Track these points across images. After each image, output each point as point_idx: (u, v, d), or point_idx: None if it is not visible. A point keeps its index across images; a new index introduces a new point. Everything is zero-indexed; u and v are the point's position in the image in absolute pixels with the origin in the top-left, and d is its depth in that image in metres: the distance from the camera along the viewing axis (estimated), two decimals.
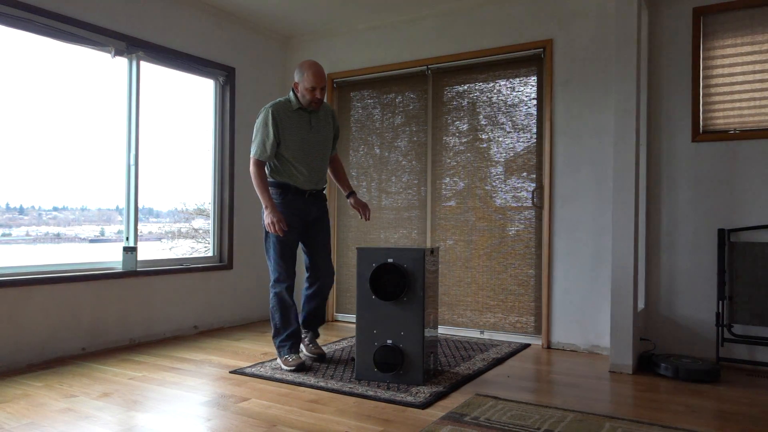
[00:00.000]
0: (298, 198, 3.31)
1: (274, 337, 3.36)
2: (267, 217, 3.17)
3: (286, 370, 3.22)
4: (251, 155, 3.26)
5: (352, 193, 3.56)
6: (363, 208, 3.51)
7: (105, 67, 3.95)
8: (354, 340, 3.42)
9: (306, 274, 3.51)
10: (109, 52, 3.89)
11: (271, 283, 3.35)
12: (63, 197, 3.88)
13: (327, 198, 3.57)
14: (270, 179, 3.30)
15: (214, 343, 4.09)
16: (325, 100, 3.48)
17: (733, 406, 2.76)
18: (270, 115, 3.20)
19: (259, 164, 3.23)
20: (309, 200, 3.36)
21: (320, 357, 3.50)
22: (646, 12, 3.77)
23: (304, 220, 3.36)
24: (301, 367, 3.21)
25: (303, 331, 3.58)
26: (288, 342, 3.31)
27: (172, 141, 4.43)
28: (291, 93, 3.29)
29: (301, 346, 3.55)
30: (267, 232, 3.28)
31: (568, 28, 4.01)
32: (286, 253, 3.29)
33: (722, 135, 3.60)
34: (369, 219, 3.56)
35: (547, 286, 4.04)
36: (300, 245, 3.44)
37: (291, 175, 3.28)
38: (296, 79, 3.23)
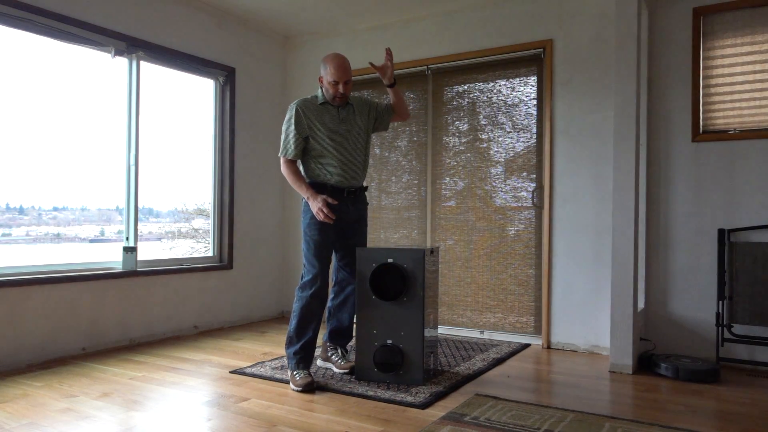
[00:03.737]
0: (337, 196, 3.06)
1: (286, 345, 3.08)
2: (313, 206, 2.97)
3: (294, 390, 2.92)
4: (279, 155, 3.10)
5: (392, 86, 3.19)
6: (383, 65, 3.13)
7: (105, 67, 3.95)
8: (354, 340, 3.40)
9: (333, 281, 3.27)
10: (109, 52, 3.89)
11: (299, 285, 3.09)
12: (63, 197, 3.88)
13: (368, 201, 3.33)
14: (308, 180, 3.10)
15: (214, 343, 4.09)
16: (355, 94, 3.19)
17: (733, 406, 2.76)
18: (294, 110, 3.02)
19: (288, 162, 3.06)
20: (348, 199, 3.11)
21: (352, 369, 3.19)
22: (646, 12, 3.77)
23: (342, 219, 3.09)
24: (308, 387, 2.90)
25: (330, 348, 3.33)
26: (298, 355, 3.02)
27: (172, 141, 4.43)
28: (319, 89, 3.11)
29: (330, 365, 3.31)
30: (303, 231, 3.08)
31: (568, 28, 4.01)
32: (322, 253, 3.05)
33: (722, 135, 3.61)
34: (389, 57, 3.11)
35: (547, 286, 4.04)
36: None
37: (325, 171, 3.06)
38: (321, 73, 3.04)
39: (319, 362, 3.38)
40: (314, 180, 3.08)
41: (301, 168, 3.15)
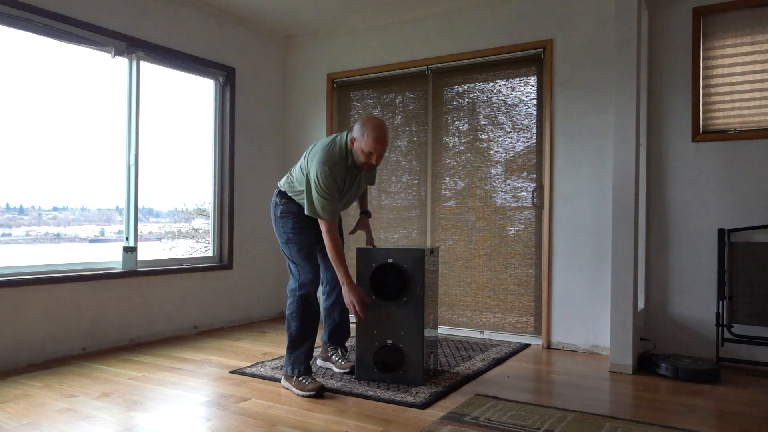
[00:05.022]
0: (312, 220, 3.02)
1: (290, 350, 2.94)
2: (346, 296, 2.91)
3: (303, 396, 2.82)
4: (322, 218, 2.85)
5: (366, 213, 3.30)
6: (371, 234, 3.28)
7: (105, 67, 3.95)
8: (354, 340, 3.41)
9: (322, 284, 3.24)
10: (109, 52, 3.89)
11: (294, 287, 2.96)
12: (63, 197, 3.88)
13: None
14: (289, 205, 3.01)
15: (214, 343, 4.09)
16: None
17: (733, 406, 2.76)
18: (332, 177, 2.82)
19: (333, 227, 2.88)
20: None
21: (352, 369, 3.17)
22: (646, 12, 3.77)
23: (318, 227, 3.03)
24: (320, 391, 2.82)
25: (330, 348, 3.33)
26: (305, 362, 2.93)
27: (172, 141, 4.43)
28: (344, 142, 2.90)
29: (330, 365, 3.30)
30: (287, 237, 2.98)
31: (568, 28, 4.01)
32: (311, 253, 2.99)
33: (722, 135, 3.61)
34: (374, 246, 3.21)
35: (547, 286, 4.04)
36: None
37: None
38: (354, 135, 2.85)
39: (319, 362, 3.38)
40: (294, 209, 2.99)
41: (285, 183, 3.05)
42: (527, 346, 4.04)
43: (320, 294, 3.27)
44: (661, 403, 2.80)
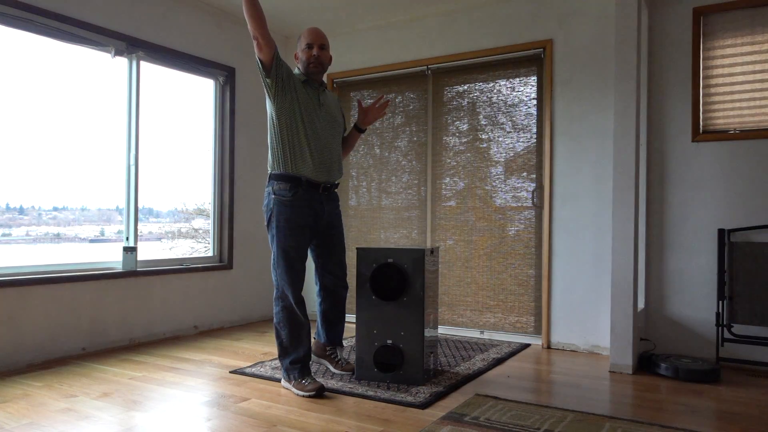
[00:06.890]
0: (312, 193, 2.91)
1: (282, 357, 2.95)
2: None
3: (303, 396, 2.82)
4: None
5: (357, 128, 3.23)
6: (371, 105, 3.16)
7: (105, 67, 3.95)
8: (354, 340, 3.40)
9: (317, 286, 3.17)
10: (109, 52, 3.89)
11: (277, 294, 2.93)
12: (63, 197, 3.88)
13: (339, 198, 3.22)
14: (278, 171, 2.88)
15: (214, 343, 4.09)
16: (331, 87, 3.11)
17: (733, 406, 2.76)
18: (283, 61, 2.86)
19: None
20: (324, 197, 2.98)
21: (353, 371, 3.16)
22: (646, 12, 3.77)
23: (317, 220, 2.97)
24: (320, 392, 2.81)
25: (328, 348, 3.26)
26: (299, 364, 2.91)
27: (172, 141, 4.43)
28: (296, 69, 3.01)
29: (326, 362, 3.28)
30: (274, 236, 2.89)
31: (568, 28, 4.01)
32: (296, 261, 2.90)
33: (722, 135, 3.61)
34: (385, 103, 3.15)
35: (547, 286, 4.04)
36: (310, 251, 3.09)
37: (302, 161, 2.86)
38: (296, 51, 2.98)
39: (313, 357, 3.33)
40: (290, 173, 2.86)
41: (273, 156, 2.92)
42: (527, 346, 4.04)
43: (315, 297, 3.25)
44: (661, 403, 2.80)
